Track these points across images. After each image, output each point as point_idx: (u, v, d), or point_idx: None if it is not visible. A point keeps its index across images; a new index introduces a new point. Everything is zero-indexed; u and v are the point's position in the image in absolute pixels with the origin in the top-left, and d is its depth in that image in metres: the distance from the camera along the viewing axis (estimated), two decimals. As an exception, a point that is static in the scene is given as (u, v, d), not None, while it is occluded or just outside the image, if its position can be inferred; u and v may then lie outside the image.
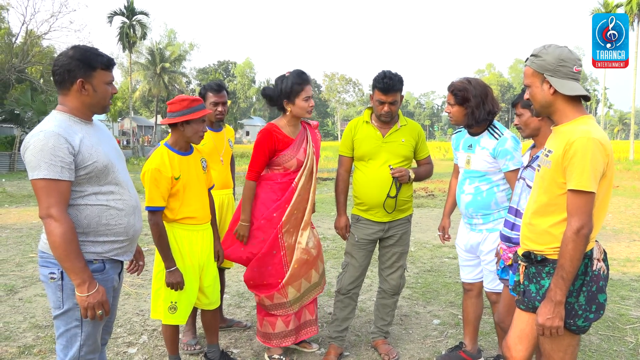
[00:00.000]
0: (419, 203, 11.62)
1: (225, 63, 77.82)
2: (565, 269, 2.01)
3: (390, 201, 3.36)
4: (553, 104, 2.14)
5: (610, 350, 3.65)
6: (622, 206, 11.14)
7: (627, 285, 5.23)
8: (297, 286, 3.36)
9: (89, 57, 2.15)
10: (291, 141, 3.29)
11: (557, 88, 2.09)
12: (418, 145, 3.50)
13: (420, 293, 5.02)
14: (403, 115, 3.51)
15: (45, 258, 2.16)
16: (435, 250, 6.91)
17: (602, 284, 2.13)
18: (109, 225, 2.20)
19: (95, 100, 2.20)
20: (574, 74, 2.11)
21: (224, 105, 3.76)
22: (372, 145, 3.38)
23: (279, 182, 3.32)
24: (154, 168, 2.90)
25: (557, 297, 2.03)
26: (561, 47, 2.14)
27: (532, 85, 2.18)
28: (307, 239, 3.36)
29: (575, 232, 1.99)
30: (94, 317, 2.12)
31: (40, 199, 2.03)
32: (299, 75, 3.25)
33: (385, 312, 3.62)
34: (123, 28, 42.23)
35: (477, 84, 3.16)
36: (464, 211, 3.26)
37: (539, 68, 2.13)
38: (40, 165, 2.00)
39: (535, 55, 2.16)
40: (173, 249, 2.98)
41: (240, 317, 4.32)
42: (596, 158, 1.99)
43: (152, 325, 4.11)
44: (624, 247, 7.16)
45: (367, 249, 3.49)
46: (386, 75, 3.25)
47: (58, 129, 2.06)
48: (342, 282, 3.52)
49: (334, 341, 3.55)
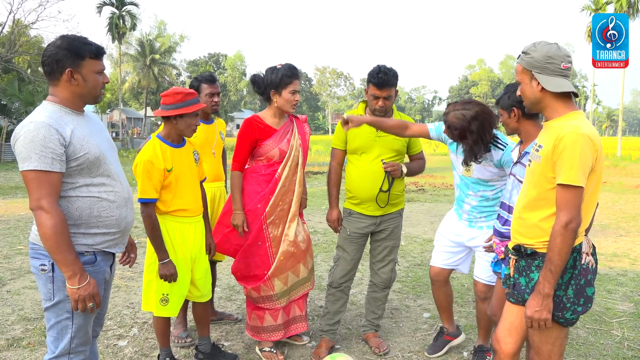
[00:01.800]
0: (409, 197, 11.66)
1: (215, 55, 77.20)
2: (553, 262, 2.05)
3: (383, 195, 3.39)
4: (542, 100, 2.17)
5: (597, 343, 3.71)
6: (609, 202, 11.27)
7: (614, 280, 5.31)
8: (283, 279, 3.35)
9: (77, 46, 2.12)
10: (273, 131, 3.30)
11: (543, 85, 2.12)
12: (411, 140, 3.51)
13: (410, 287, 5.05)
14: (397, 110, 3.52)
15: (36, 250, 2.14)
16: (426, 244, 6.95)
17: (590, 277, 2.17)
18: (101, 217, 2.18)
19: (86, 90, 2.17)
20: (562, 71, 2.13)
21: (219, 95, 3.76)
22: (365, 139, 3.39)
23: (263, 174, 3.33)
24: (147, 160, 2.88)
25: (545, 289, 2.07)
26: (550, 44, 2.16)
27: (522, 82, 2.22)
28: (296, 232, 3.36)
29: (563, 226, 2.02)
30: (85, 310, 2.11)
31: (31, 191, 2.01)
32: (290, 69, 3.27)
33: (376, 306, 3.64)
34: (112, 19, 41.71)
35: (474, 118, 2.86)
36: (468, 211, 3.24)
37: (527, 65, 2.17)
38: (31, 156, 1.98)
39: (525, 53, 2.18)
40: (165, 241, 2.97)
41: (231, 310, 4.32)
42: (585, 153, 2.01)
43: (143, 318, 4.10)
44: (611, 242, 7.25)
45: (358, 242, 3.50)
46: (381, 70, 3.26)
47: (49, 120, 2.03)
48: (333, 275, 3.54)
49: (326, 334, 3.56)
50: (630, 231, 8.13)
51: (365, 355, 3.49)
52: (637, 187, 14.60)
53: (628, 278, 5.41)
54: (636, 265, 5.96)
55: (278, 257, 3.31)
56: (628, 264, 6.03)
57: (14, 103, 24.45)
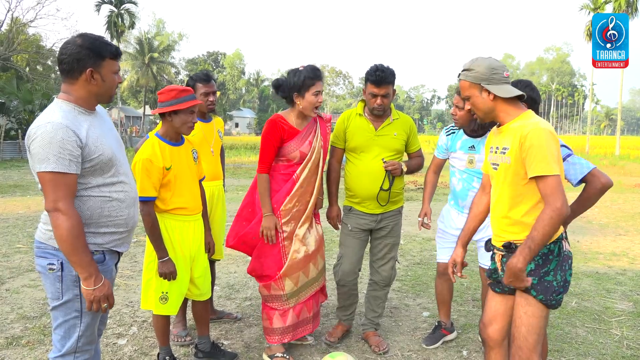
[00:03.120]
0: (408, 196, 11.67)
1: (214, 54, 77.23)
2: (535, 240, 2.13)
3: (384, 194, 3.41)
4: (495, 108, 2.32)
5: (596, 342, 3.71)
6: (608, 201, 11.27)
7: (613, 279, 5.31)
8: (294, 279, 3.29)
9: (99, 46, 2.12)
10: (297, 132, 3.24)
11: (496, 93, 2.27)
12: (410, 138, 3.54)
13: (410, 286, 5.05)
14: (395, 109, 3.53)
15: (43, 249, 2.13)
16: (425, 243, 6.95)
17: (570, 262, 2.33)
18: (110, 217, 2.18)
19: (103, 89, 2.17)
20: (505, 79, 2.31)
21: (214, 94, 3.74)
22: (364, 138, 3.41)
23: (281, 173, 3.28)
24: (146, 158, 2.88)
25: (519, 264, 2.15)
26: (487, 57, 2.35)
27: (472, 96, 2.35)
28: (307, 232, 3.32)
29: (556, 209, 2.10)
30: (98, 310, 2.11)
31: (47, 192, 2.00)
32: (313, 70, 3.21)
33: (376, 304, 3.64)
34: (111, 17, 41.69)
35: None
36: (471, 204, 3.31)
37: (474, 79, 2.31)
38: (49, 157, 1.97)
39: (468, 70, 2.34)
40: (164, 240, 2.96)
41: (231, 309, 4.32)
42: (550, 144, 2.15)
43: (142, 317, 4.09)
44: (610, 241, 7.26)
45: (360, 238, 3.53)
46: (378, 68, 3.29)
47: (65, 121, 2.02)
48: (339, 274, 3.56)
49: (343, 322, 3.73)
50: (629, 230, 8.14)
51: (364, 354, 3.49)
52: (635, 186, 14.62)
53: (627, 277, 5.42)
54: (635, 264, 5.97)
55: (290, 257, 3.26)
56: (627, 263, 6.03)
57: (12, 101, 24.44)
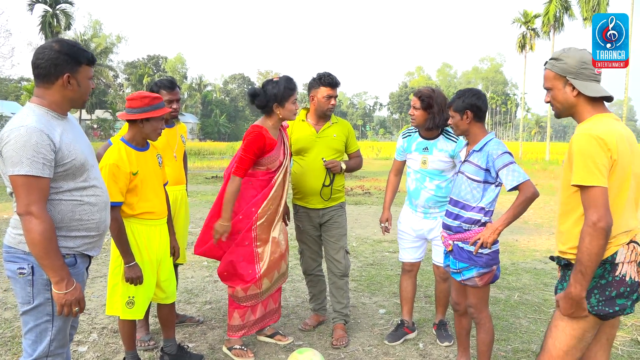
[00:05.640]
0: (356, 200, 11.96)
1: (155, 57, 75.30)
2: (582, 263, 1.97)
3: (326, 189, 3.74)
4: (576, 105, 2.14)
5: (538, 331, 4.04)
6: (541, 203, 12.02)
7: (549, 274, 5.74)
8: (270, 277, 3.51)
9: (76, 52, 2.16)
10: (275, 143, 3.42)
11: (581, 90, 2.10)
12: (348, 140, 3.90)
13: (365, 285, 5.24)
14: (334, 115, 3.90)
15: (12, 253, 2.12)
16: (376, 245, 7.19)
17: (623, 290, 2.05)
18: (82, 221, 2.20)
19: (78, 94, 2.20)
20: (595, 76, 2.13)
21: (178, 102, 3.77)
22: (307, 140, 3.75)
23: (260, 179, 3.43)
24: (112, 163, 2.89)
25: (576, 290, 2.00)
26: (581, 50, 2.15)
27: (554, 88, 2.18)
28: (280, 232, 3.53)
29: (591, 225, 1.94)
30: (69, 314, 2.12)
31: (20, 196, 2.00)
32: (290, 81, 3.41)
33: (340, 295, 3.86)
34: (45, 17, 39.76)
35: (439, 94, 3.60)
36: (424, 204, 3.61)
37: (560, 71, 2.14)
38: (22, 161, 1.97)
39: (556, 59, 2.16)
40: (131, 244, 2.98)
41: (192, 313, 4.34)
42: (591, 152, 1.97)
43: (101, 324, 4.04)
44: (545, 239, 7.80)
45: (313, 235, 3.88)
46: (328, 74, 3.70)
47: (39, 125, 2.03)
48: (304, 265, 3.98)
49: (316, 312, 4.08)
50: (561, 229, 8.74)
51: (327, 351, 3.63)
52: (565, 189, 15.62)
53: (561, 272, 5.86)
54: (568, 260, 6.45)
55: (269, 258, 3.44)
56: (561, 259, 6.51)
57: None
